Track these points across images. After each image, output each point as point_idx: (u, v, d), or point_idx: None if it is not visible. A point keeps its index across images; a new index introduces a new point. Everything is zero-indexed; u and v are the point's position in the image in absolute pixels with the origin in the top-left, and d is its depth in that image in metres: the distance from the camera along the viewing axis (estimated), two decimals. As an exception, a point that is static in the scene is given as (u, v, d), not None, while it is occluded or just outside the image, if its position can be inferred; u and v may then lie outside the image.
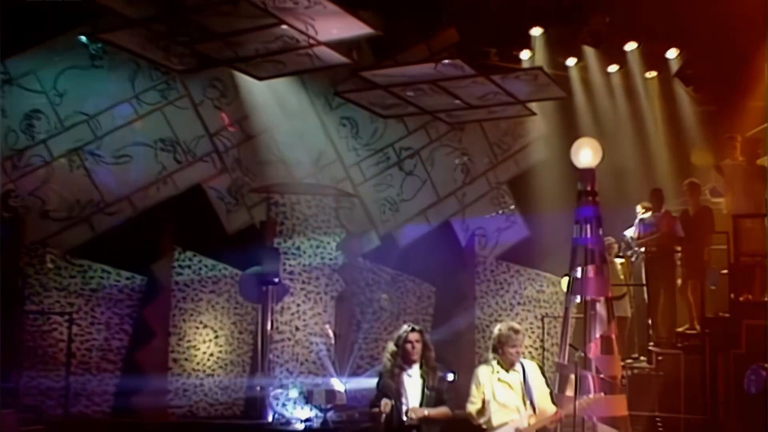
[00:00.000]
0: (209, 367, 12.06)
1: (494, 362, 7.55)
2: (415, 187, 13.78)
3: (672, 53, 12.61)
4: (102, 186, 11.90)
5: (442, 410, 7.38)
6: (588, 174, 8.82)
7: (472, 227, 13.92)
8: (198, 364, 11.99)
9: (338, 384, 11.25)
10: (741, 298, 10.52)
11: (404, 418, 7.46)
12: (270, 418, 11.52)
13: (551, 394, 7.80)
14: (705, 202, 11.72)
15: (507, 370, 7.57)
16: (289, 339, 12.29)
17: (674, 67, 12.73)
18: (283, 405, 11.63)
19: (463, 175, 13.98)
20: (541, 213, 13.71)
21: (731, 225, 10.63)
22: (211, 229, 12.41)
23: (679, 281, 11.25)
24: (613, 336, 8.54)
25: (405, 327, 7.59)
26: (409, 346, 7.45)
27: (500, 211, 13.99)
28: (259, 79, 11.94)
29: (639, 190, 12.29)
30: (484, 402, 7.45)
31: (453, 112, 12.70)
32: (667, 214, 11.51)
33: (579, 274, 8.84)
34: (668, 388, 10.51)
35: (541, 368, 8.01)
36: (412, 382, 7.64)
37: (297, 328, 12.35)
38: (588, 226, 8.81)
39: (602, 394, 8.15)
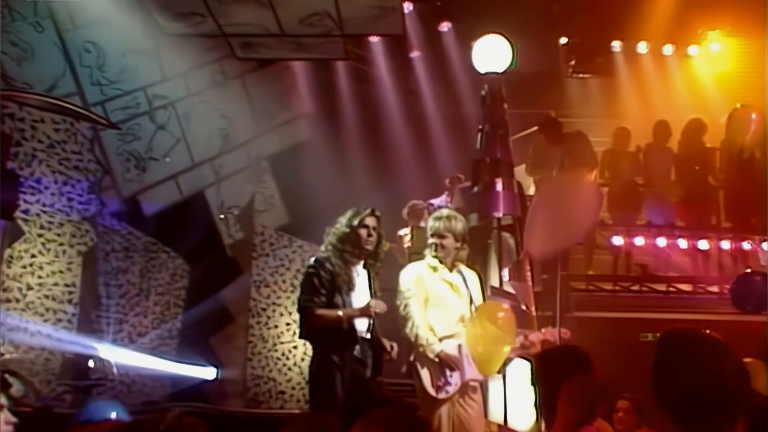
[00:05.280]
0: None
1: (434, 260, 6.08)
2: (166, 145, 11.21)
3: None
4: None
5: None
6: (493, 78, 7.79)
7: (228, 204, 11.65)
8: None
9: (104, 352, 8.22)
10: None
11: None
12: None
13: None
14: None
15: (450, 270, 6.09)
16: (18, 300, 8.81)
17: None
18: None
19: (222, 141, 11.72)
20: (304, 197, 12.01)
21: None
22: None
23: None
24: (526, 261, 7.36)
25: (357, 209, 5.85)
26: (364, 231, 5.74)
27: (258, 191, 11.89)
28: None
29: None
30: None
31: (254, 40, 10.51)
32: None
33: (483, 189, 7.62)
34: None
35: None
36: (359, 281, 5.90)
37: (29, 287, 8.91)
38: (495, 135, 7.68)
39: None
